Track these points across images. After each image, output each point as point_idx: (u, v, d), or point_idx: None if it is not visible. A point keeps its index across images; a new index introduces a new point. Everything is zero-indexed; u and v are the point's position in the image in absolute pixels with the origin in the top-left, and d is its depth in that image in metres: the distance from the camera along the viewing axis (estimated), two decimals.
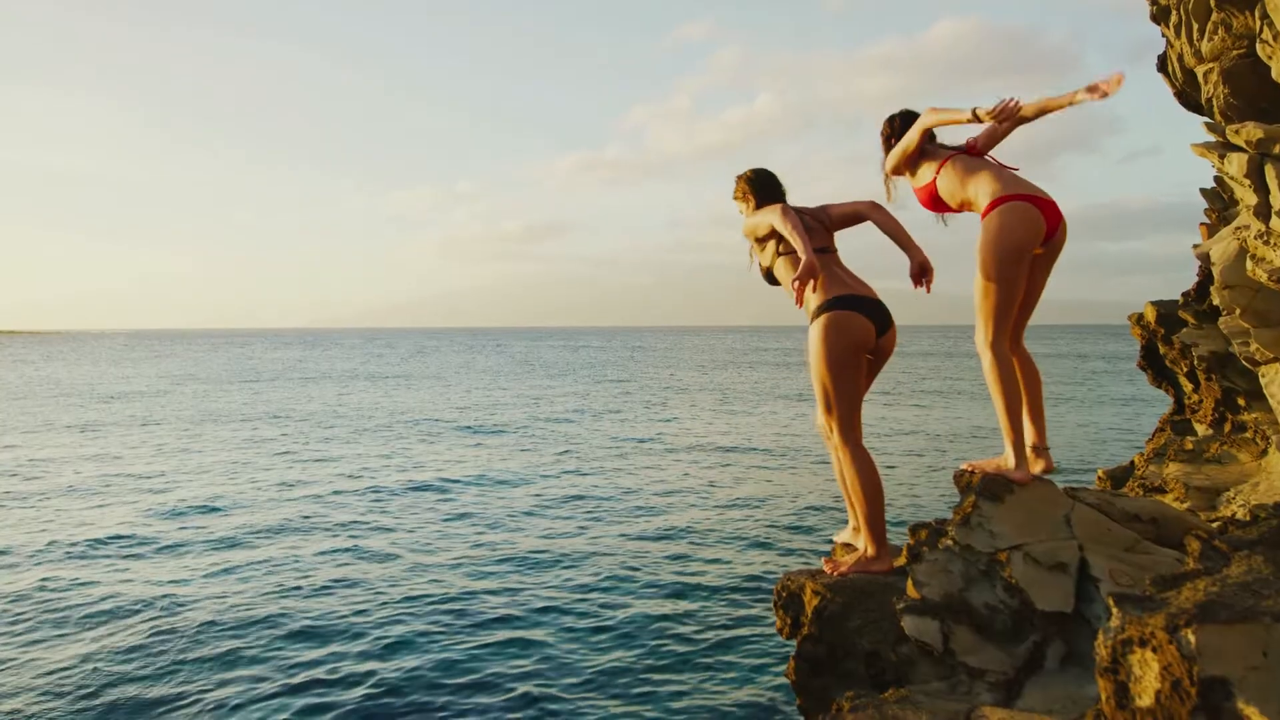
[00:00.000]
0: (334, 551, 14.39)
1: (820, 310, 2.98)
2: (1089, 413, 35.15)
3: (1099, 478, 8.59)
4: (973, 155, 3.15)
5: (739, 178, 3.20)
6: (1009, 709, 3.81)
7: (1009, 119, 2.98)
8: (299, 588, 12.49)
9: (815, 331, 3.01)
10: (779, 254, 3.17)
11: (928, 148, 3.30)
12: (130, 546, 14.92)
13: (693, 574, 13.30)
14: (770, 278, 3.34)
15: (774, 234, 3.12)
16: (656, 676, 9.60)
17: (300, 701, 8.90)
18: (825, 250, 3.03)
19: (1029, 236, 2.84)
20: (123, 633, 10.72)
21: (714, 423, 33.14)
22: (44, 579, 13.07)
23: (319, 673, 9.51)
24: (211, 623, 11.00)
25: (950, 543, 4.44)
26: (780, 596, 4.59)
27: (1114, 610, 2.15)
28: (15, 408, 40.59)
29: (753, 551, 15.07)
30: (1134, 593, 2.31)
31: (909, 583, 4.32)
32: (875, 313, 2.97)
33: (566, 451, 26.06)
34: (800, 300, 2.81)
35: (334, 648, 10.16)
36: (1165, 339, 8.68)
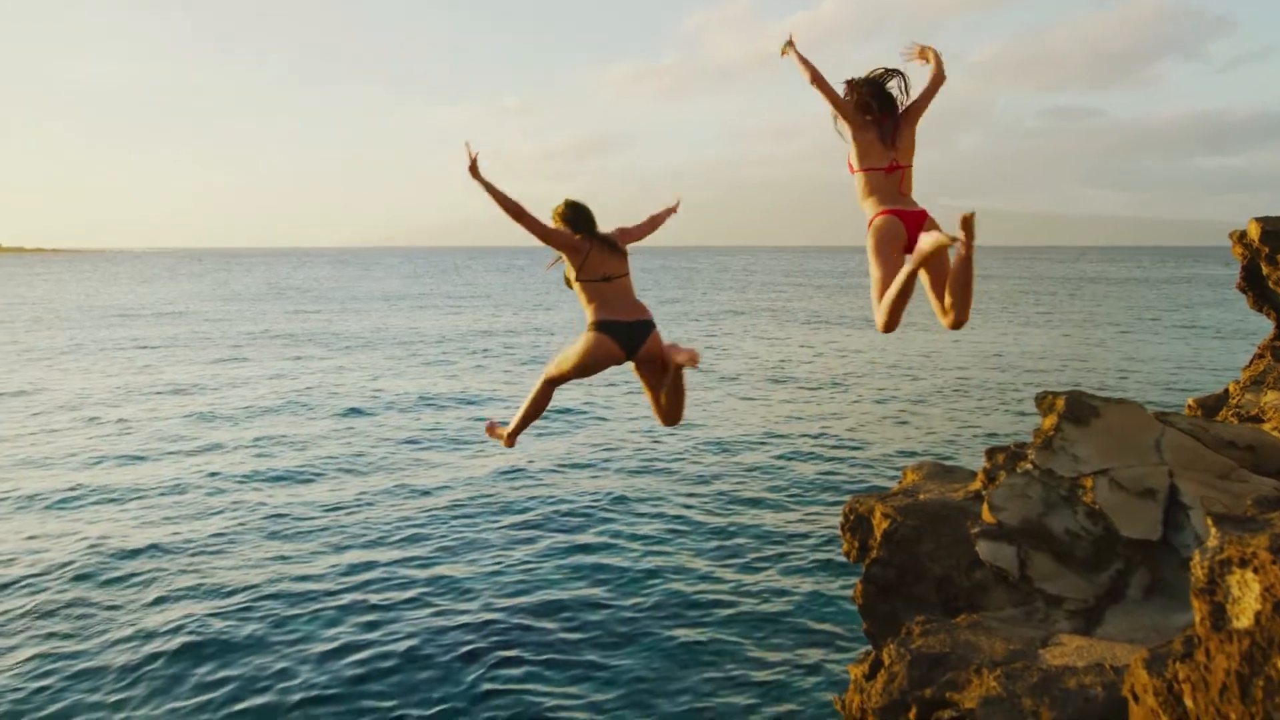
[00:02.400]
0: (387, 483, 14.81)
1: (588, 328, 3.58)
2: (1179, 340, 34.29)
3: (1189, 407, 8.42)
4: (889, 173, 3.27)
5: (555, 208, 3.55)
6: (1088, 637, 3.84)
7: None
8: (346, 504, 12.97)
9: (583, 337, 3.63)
10: (578, 279, 3.61)
11: (864, 122, 3.30)
12: (181, 466, 15.57)
13: (752, 500, 13.47)
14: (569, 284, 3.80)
15: (573, 253, 3.53)
16: (721, 597, 9.83)
17: (336, 602, 9.34)
18: (610, 279, 3.51)
19: (890, 239, 2.88)
20: (181, 534, 11.29)
21: (774, 345, 33.08)
22: (90, 482, 13.75)
23: (364, 579, 9.94)
24: (263, 533, 11.52)
25: (1030, 466, 4.42)
26: (848, 519, 4.63)
27: (1212, 530, 2.14)
28: (67, 328, 41.99)
29: (813, 476, 15.19)
30: (1234, 514, 2.29)
31: (984, 507, 4.33)
32: (625, 334, 3.49)
33: (617, 375, 26.29)
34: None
35: (372, 557, 10.59)
36: (1269, 258, 8.38)
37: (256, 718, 7.52)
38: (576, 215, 3.51)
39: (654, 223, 3.92)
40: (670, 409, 3.75)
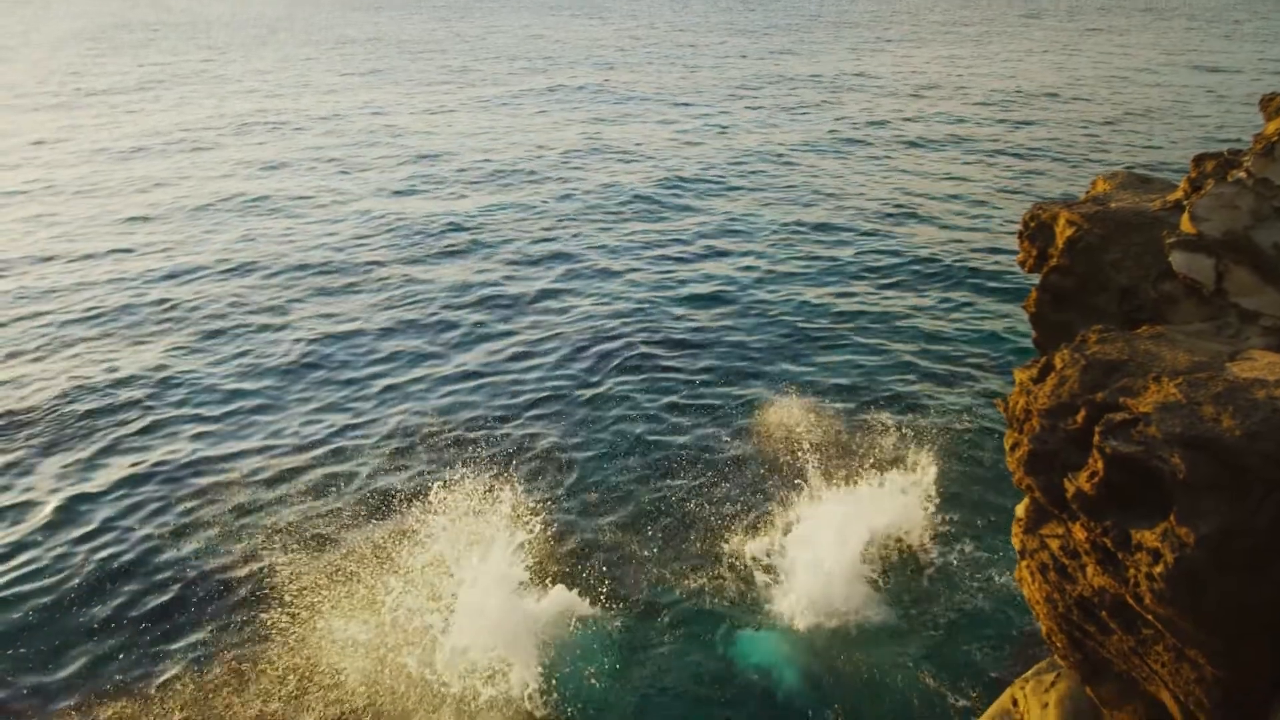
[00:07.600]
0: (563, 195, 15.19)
1: None
2: None
3: None
4: None
5: None
6: None
7: None
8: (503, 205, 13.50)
9: None
10: None
11: None
12: (335, 166, 16.32)
13: (919, 216, 13.23)
14: None
15: None
16: (872, 299, 9.99)
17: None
18: None
19: None
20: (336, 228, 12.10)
21: (946, 61, 30.98)
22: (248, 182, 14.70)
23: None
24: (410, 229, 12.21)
25: (1243, 175, 4.14)
26: (1028, 226, 4.50)
27: None
28: (223, 30, 42.95)
29: (998, 183, 14.72)
30: None
31: (1184, 217, 4.12)
32: None
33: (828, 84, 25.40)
34: None
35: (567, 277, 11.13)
36: None
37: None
38: None
39: None
40: None
